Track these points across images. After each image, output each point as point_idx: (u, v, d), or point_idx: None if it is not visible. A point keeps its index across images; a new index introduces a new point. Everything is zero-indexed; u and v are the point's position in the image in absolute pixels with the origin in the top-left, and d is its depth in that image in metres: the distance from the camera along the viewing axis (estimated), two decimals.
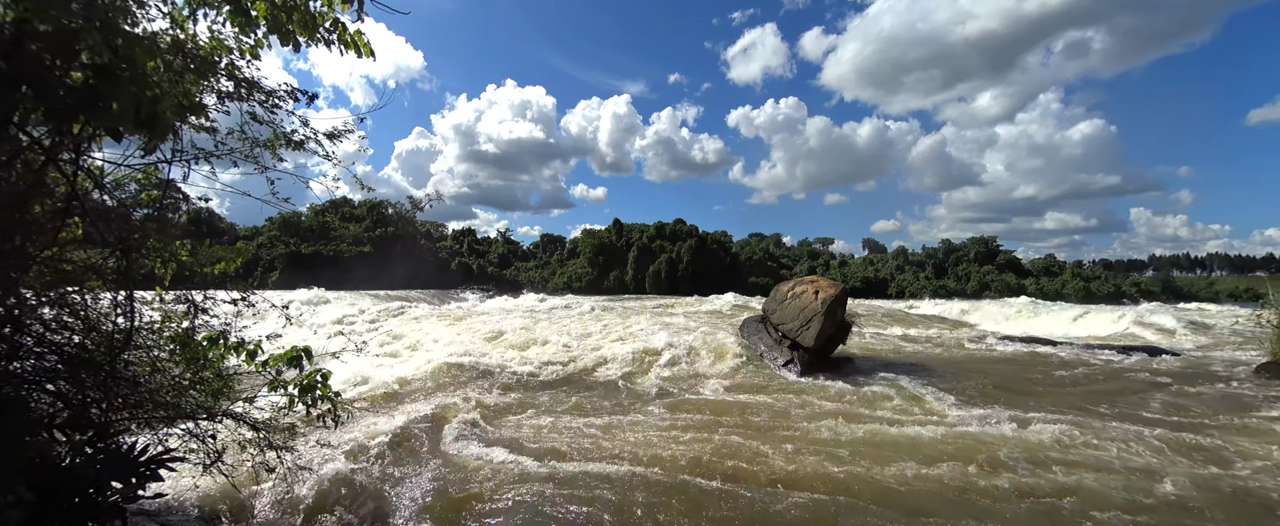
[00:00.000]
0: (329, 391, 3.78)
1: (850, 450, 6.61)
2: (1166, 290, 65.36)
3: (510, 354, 12.83)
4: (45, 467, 2.20)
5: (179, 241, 3.23)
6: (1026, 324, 27.67)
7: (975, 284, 69.08)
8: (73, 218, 2.99)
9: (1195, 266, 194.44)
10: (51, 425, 2.34)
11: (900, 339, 18.98)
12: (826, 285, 12.03)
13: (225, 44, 3.09)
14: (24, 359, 2.82)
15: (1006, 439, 7.12)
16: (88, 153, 2.73)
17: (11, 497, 1.91)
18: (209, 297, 3.33)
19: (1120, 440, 7.08)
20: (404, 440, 6.64)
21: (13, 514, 1.92)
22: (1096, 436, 7.19)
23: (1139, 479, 5.85)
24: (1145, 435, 7.32)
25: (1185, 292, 64.65)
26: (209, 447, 3.37)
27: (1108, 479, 5.83)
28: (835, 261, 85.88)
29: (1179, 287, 68.21)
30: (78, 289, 2.99)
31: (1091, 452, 6.66)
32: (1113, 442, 6.96)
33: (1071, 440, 7.07)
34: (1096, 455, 6.57)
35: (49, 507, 2.13)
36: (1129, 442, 7.00)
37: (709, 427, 7.52)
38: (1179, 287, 68.21)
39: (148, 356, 3.11)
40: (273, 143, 3.21)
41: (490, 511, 4.90)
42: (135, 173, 3.46)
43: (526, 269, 79.99)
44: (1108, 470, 6.10)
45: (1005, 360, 14.43)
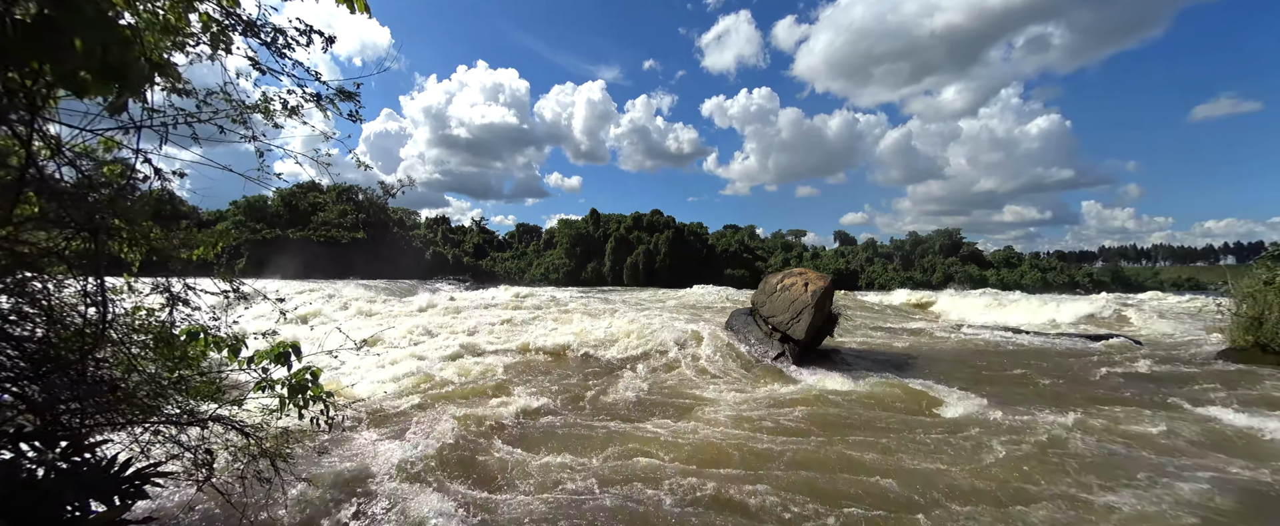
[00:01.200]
0: (320, 391, 3.43)
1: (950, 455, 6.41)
2: (1116, 280, 68.73)
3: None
4: (16, 488, 1.84)
5: (148, 222, 2.82)
6: (996, 313, 28.42)
7: (940, 275, 71.16)
8: (28, 192, 2.58)
9: (1141, 257, 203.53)
10: (19, 437, 1.96)
11: (879, 330, 19.17)
12: (815, 277, 11.96)
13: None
14: None
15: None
16: (44, 112, 2.30)
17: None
18: (190, 287, 2.92)
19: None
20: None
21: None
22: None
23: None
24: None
25: (1133, 283, 68.13)
26: (198, 458, 2.98)
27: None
28: (808, 253, 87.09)
29: (1127, 278, 71.80)
30: (37, 275, 2.58)
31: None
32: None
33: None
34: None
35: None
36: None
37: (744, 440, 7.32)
38: (1127, 278, 71.80)
39: (124, 354, 2.71)
40: (265, 105, 2.77)
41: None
42: (94, 141, 3.03)
43: (503, 259, 78.89)
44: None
45: (986, 350, 14.66)
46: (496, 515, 4.57)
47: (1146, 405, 8.74)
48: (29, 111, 2.25)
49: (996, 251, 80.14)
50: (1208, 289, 65.64)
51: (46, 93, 2.40)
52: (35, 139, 2.30)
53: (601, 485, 5.23)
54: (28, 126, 2.22)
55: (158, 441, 2.99)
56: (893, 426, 7.33)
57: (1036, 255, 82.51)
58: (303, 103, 2.71)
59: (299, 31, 2.56)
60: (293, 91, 2.71)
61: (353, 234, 3.86)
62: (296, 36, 2.56)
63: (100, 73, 1.75)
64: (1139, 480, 5.61)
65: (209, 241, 2.87)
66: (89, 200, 2.40)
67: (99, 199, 2.40)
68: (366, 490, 4.86)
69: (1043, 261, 76.24)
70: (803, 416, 7.63)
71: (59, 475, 2.03)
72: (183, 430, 2.98)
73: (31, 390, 2.78)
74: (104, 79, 1.79)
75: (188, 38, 2.85)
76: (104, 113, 2.90)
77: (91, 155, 3.05)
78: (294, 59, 2.58)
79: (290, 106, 2.73)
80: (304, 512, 4.29)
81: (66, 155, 2.67)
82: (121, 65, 1.77)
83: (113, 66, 1.75)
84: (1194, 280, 77.64)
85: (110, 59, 1.73)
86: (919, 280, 70.44)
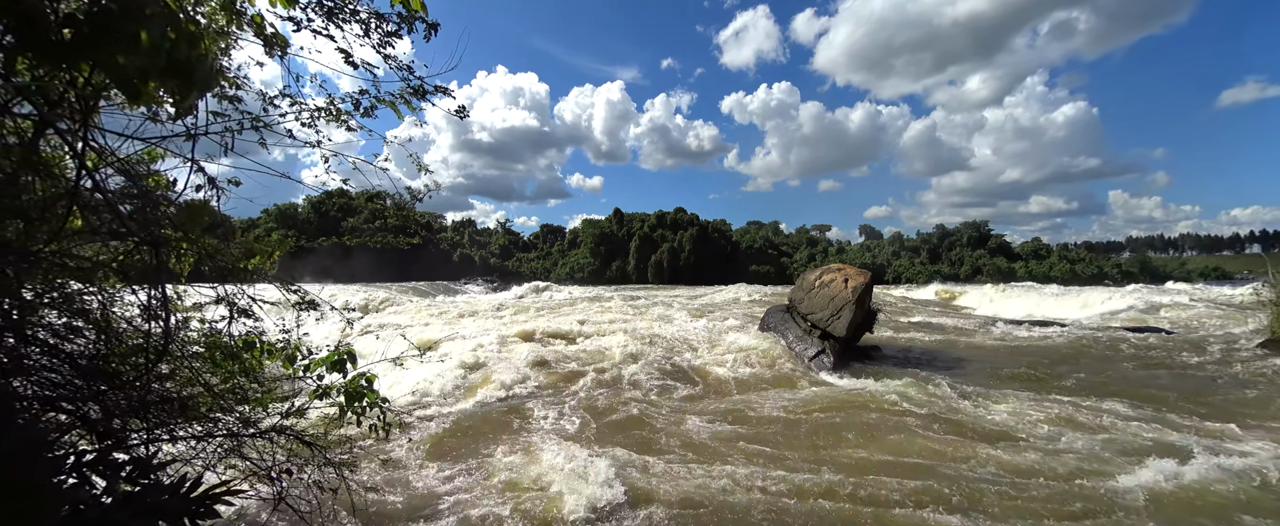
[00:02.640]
0: (377, 397, 3.30)
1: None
2: (1144, 271, 66.55)
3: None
4: (81, 520, 1.71)
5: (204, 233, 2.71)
6: (1031, 306, 27.63)
7: (968, 268, 69.51)
8: (77, 204, 2.48)
9: (1168, 247, 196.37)
10: (82, 464, 1.84)
11: (913, 326, 18.63)
12: (855, 273, 11.62)
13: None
14: (32, 375, 2.32)
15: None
16: (96, 117, 2.18)
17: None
18: (254, 299, 2.80)
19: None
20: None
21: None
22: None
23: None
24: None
25: (1161, 273, 65.84)
26: (265, 471, 2.87)
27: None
28: (833, 248, 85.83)
29: (1155, 268, 69.37)
30: (88, 288, 2.48)
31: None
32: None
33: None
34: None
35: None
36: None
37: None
38: (1155, 268, 69.37)
39: (187, 367, 2.60)
40: (335, 109, 2.58)
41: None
42: (139, 150, 2.93)
43: (528, 260, 79.40)
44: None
45: (1030, 347, 14.09)
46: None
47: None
48: (81, 119, 2.14)
49: (1024, 243, 77.99)
50: (1234, 278, 63.09)
51: (95, 98, 2.29)
52: (86, 149, 2.19)
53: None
54: (79, 136, 2.10)
55: (219, 455, 2.89)
56: (951, 431, 7.01)
57: (1065, 246, 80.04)
58: (375, 103, 2.54)
59: (402, 18, 2.32)
60: (365, 92, 2.53)
61: (409, 241, 3.74)
62: (397, 24, 2.33)
63: (165, 72, 1.60)
64: None
65: (265, 250, 2.75)
66: (148, 212, 2.27)
67: (160, 210, 2.27)
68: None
69: (1072, 252, 73.97)
70: (849, 419, 7.35)
71: (125, 499, 1.90)
72: (244, 442, 2.88)
73: (88, 408, 2.69)
74: (168, 79, 1.65)
75: (236, 40, 2.73)
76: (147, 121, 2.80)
77: (136, 165, 2.96)
78: (386, 54, 2.37)
79: (364, 107, 2.56)
80: (372, 521, 4.21)
81: (117, 165, 2.57)
82: (187, 63, 1.62)
83: (178, 64, 1.60)
84: (1220, 269, 74.80)
85: (176, 55, 1.58)
86: (947, 273, 68.87)
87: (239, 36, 2.56)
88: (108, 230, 2.57)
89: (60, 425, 2.39)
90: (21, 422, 2.15)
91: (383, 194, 3.61)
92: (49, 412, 2.41)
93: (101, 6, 1.53)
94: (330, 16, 2.29)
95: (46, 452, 1.90)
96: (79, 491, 1.92)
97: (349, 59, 2.36)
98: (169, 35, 1.58)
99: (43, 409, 2.35)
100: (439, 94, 2.56)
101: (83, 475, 1.96)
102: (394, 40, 2.38)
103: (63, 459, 1.98)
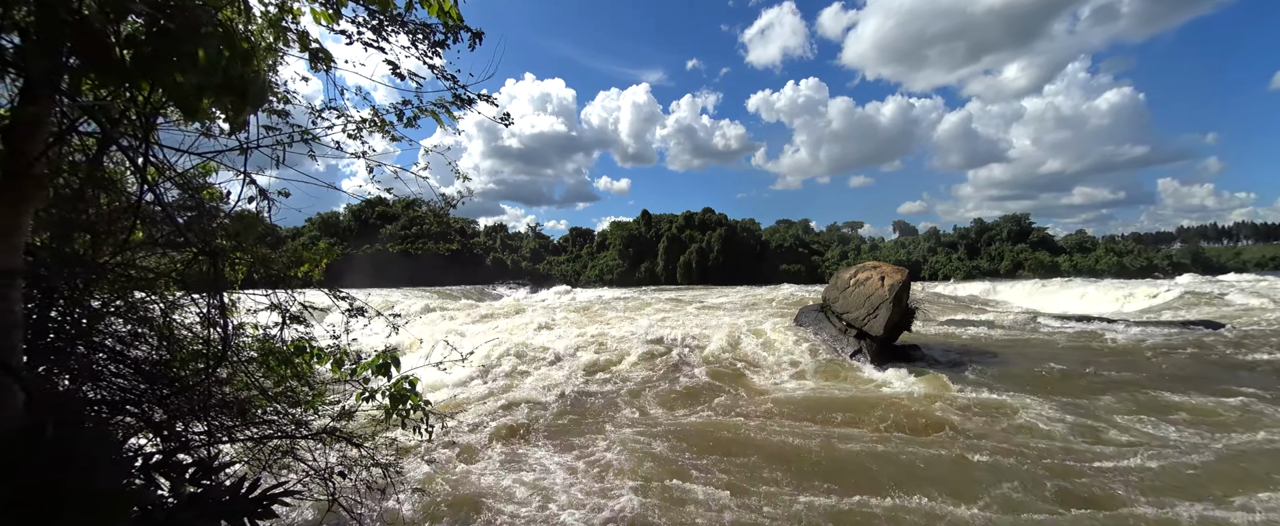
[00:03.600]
0: (419, 399, 3.37)
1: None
2: (1196, 262, 62.79)
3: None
4: (149, 521, 1.79)
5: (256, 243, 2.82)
6: (1075, 302, 26.57)
7: (1008, 263, 66.89)
8: (134, 217, 2.60)
9: (1222, 236, 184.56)
10: (149, 466, 1.92)
11: (951, 324, 18.09)
12: (891, 270, 11.34)
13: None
14: (101, 380, 2.44)
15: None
16: (154, 133, 2.28)
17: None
18: (305, 305, 2.91)
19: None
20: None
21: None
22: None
23: None
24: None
25: (1214, 264, 61.96)
26: (317, 472, 2.97)
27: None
28: (866, 245, 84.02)
29: (1208, 259, 65.21)
30: (152, 297, 2.60)
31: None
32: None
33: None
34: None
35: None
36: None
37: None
38: (1208, 259, 65.21)
39: (245, 372, 2.71)
40: (379, 120, 2.65)
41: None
42: (195, 164, 3.06)
43: (558, 263, 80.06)
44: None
45: (1077, 344, 13.50)
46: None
47: None
48: (142, 136, 2.24)
49: (1068, 236, 74.72)
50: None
51: (154, 116, 2.39)
52: (148, 164, 2.30)
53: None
54: (142, 152, 2.21)
55: (274, 457, 3.00)
56: (998, 435, 6.77)
57: (1111, 238, 75.97)
58: (418, 114, 2.60)
59: (450, 28, 2.35)
60: (407, 103, 2.59)
61: (449, 247, 3.83)
62: (444, 35, 2.36)
63: (221, 89, 1.67)
64: None
65: (314, 258, 2.83)
66: (205, 223, 2.37)
67: (217, 222, 2.36)
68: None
69: (1118, 244, 70.15)
70: (894, 421, 7.17)
71: (189, 500, 1.98)
72: (298, 444, 2.98)
73: (153, 411, 2.82)
74: (224, 95, 1.72)
75: (282, 57, 2.82)
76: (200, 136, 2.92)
77: (193, 179, 3.09)
78: (431, 64, 2.42)
79: (407, 118, 2.62)
80: (417, 521, 4.30)
81: (176, 180, 2.69)
82: (241, 79, 1.68)
83: (233, 81, 1.66)
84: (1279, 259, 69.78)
85: (231, 72, 1.64)
86: (986, 269, 66.55)
87: (285, 53, 2.64)
88: (168, 241, 2.69)
89: (128, 427, 2.51)
90: (92, 426, 2.27)
91: (420, 201, 3.68)
92: (117, 416, 2.54)
93: (161, 26, 1.60)
94: (377, 30, 2.34)
95: (117, 454, 2.00)
96: (146, 492, 2.02)
97: (396, 70, 2.42)
98: (224, 53, 1.65)
99: (111, 413, 2.48)
100: (483, 101, 2.60)
101: (149, 476, 2.06)
102: (440, 50, 2.42)
103: (131, 460, 2.07)
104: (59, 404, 2.07)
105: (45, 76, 1.80)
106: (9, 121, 2.01)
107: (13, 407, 1.93)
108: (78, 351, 2.38)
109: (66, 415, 2.03)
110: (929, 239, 79.97)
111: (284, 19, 2.66)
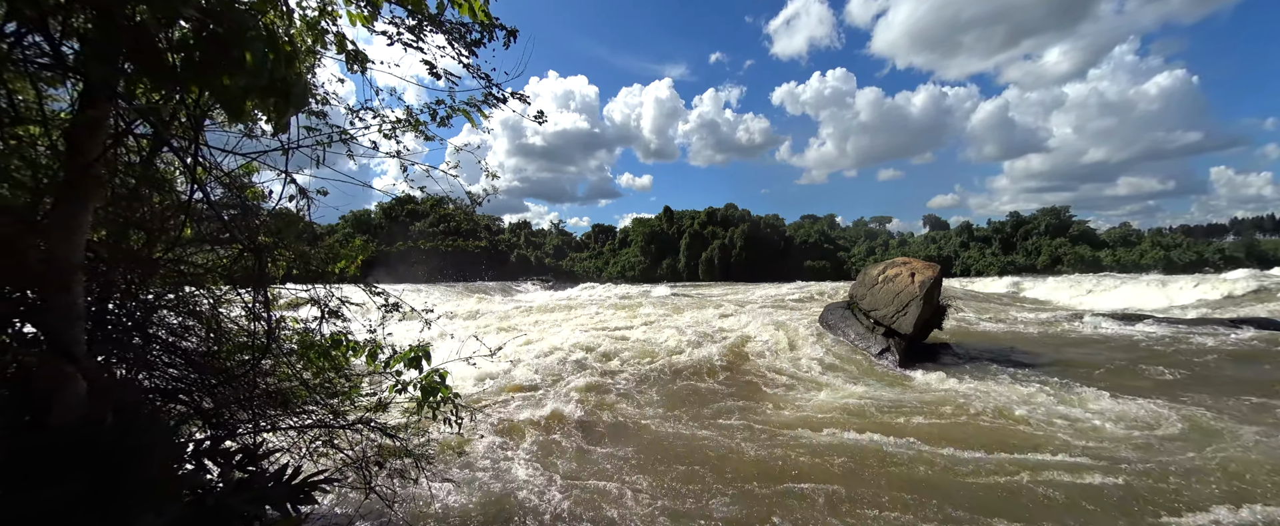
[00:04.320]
0: (449, 392, 3.45)
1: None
2: (1251, 256, 59.23)
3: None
4: (200, 504, 1.89)
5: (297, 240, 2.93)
6: (1118, 298, 25.62)
7: (1046, 258, 64.61)
8: (185, 215, 2.72)
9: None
10: (200, 452, 2.03)
11: (985, 321, 17.65)
12: (922, 266, 11.13)
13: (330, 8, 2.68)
14: (155, 370, 2.57)
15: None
16: (201, 137, 2.39)
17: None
18: (343, 300, 3.02)
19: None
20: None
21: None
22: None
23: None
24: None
25: (1271, 258, 58.33)
26: (352, 460, 3.09)
27: None
28: (894, 241, 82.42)
29: (1265, 253, 61.37)
30: (199, 291, 2.73)
31: None
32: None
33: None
34: None
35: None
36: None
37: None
38: (1265, 253, 61.37)
39: (288, 363, 2.83)
40: (414, 119, 2.72)
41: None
42: (240, 164, 3.18)
43: (581, 259, 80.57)
44: None
45: (1121, 343, 13.05)
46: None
47: None
48: (194, 134, 2.35)
49: (1111, 229, 71.84)
50: None
51: (203, 118, 2.50)
52: (198, 164, 2.41)
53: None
54: (192, 153, 2.31)
55: (314, 446, 3.12)
56: (1031, 441, 6.61)
57: (1158, 231, 72.34)
58: (451, 112, 2.67)
59: (485, 28, 2.41)
60: (441, 102, 2.66)
61: (477, 244, 3.94)
62: (480, 33, 2.42)
63: (266, 91, 1.74)
64: None
65: (350, 255, 2.93)
66: (249, 222, 2.47)
67: (262, 218, 2.46)
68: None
69: (1166, 238, 66.77)
70: (924, 424, 7.05)
71: (238, 485, 2.08)
72: (335, 434, 3.09)
73: (201, 399, 2.96)
74: (268, 97, 1.79)
75: (320, 59, 2.91)
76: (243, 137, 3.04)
77: (237, 178, 3.22)
78: (466, 63, 2.48)
79: (441, 117, 2.69)
80: (449, 508, 4.42)
81: (222, 179, 2.81)
82: (285, 81, 1.75)
83: (277, 83, 1.73)
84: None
85: (276, 74, 1.71)
86: (1022, 264, 64.55)
87: (322, 55, 2.73)
88: (214, 238, 2.82)
89: (179, 415, 2.64)
90: (148, 413, 2.40)
91: (447, 199, 3.76)
92: (169, 404, 2.67)
93: (210, 31, 1.68)
94: (416, 31, 2.40)
95: (171, 441, 2.11)
96: (198, 477, 2.13)
97: (433, 70, 2.48)
98: (269, 56, 1.72)
99: (164, 401, 2.61)
100: (517, 100, 2.65)
101: (200, 462, 2.17)
102: (475, 49, 2.47)
103: (184, 446, 2.19)
104: (118, 392, 2.18)
105: (103, 81, 1.90)
106: (71, 124, 2.14)
107: (75, 395, 2.05)
108: (133, 342, 2.50)
109: (125, 403, 2.14)
110: (961, 233, 77.93)
111: (322, 22, 2.76)
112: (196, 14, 1.73)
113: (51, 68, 2.00)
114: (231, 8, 1.77)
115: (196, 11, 1.73)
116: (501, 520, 4.40)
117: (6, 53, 1.81)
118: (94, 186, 2.04)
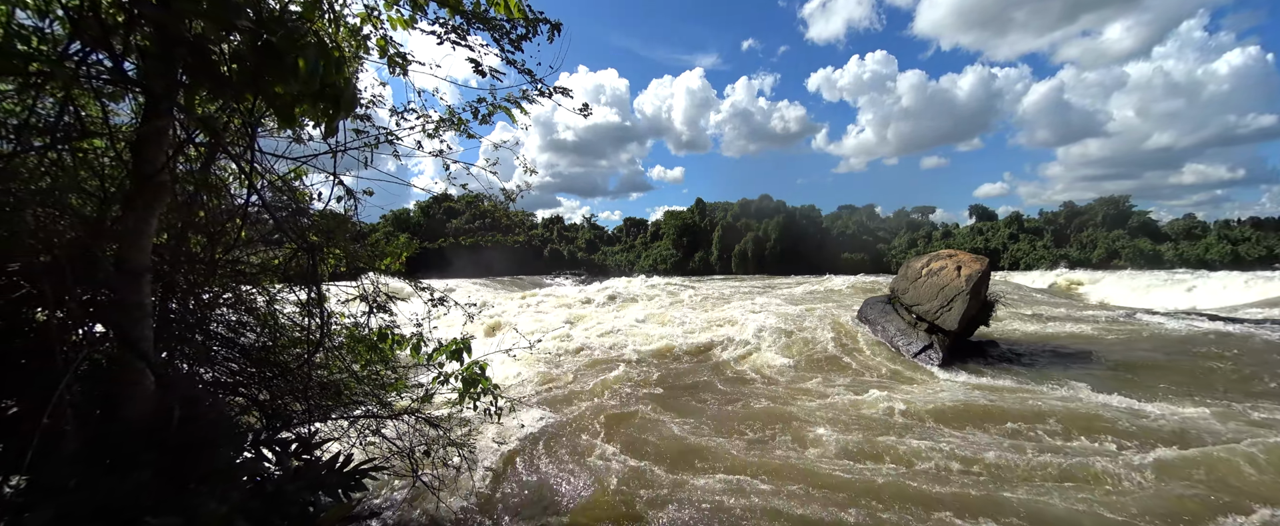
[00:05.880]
0: (489, 384, 3.54)
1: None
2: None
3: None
4: (260, 491, 1.99)
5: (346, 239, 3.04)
6: (1180, 296, 24.20)
7: (1102, 251, 61.10)
8: (241, 218, 2.85)
9: None
10: (258, 442, 2.13)
11: (1035, 318, 16.91)
12: (969, 260, 10.74)
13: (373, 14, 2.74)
14: (215, 364, 2.71)
15: None
16: (256, 143, 2.50)
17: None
18: (390, 296, 3.13)
19: None
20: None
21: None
22: None
23: None
24: None
25: None
26: (401, 449, 3.23)
27: None
28: (937, 232, 79.59)
29: None
30: (255, 289, 2.86)
31: None
32: None
33: None
34: None
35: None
36: None
37: None
38: None
39: (339, 357, 2.96)
40: (457, 119, 2.79)
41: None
42: (291, 168, 3.31)
43: (613, 253, 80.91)
44: None
45: (1182, 345, 12.30)
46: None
47: None
48: (247, 144, 2.46)
49: (1174, 220, 67.39)
50: None
51: (257, 125, 2.61)
52: (253, 169, 2.52)
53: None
54: (248, 158, 2.42)
55: (363, 436, 3.25)
56: (1091, 447, 6.33)
57: (1226, 223, 67.19)
58: (492, 110, 2.71)
59: (533, 20, 2.42)
60: (482, 100, 2.72)
61: (516, 240, 4.01)
62: (525, 29, 2.43)
63: (317, 96, 1.80)
64: None
65: (395, 252, 3.02)
66: (300, 223, 2.57)
67: (313, 219, 2.56)
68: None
69: (1234, 230, 62.01)
70: (966, 429, 6.83)
71: (294, 473, 2.18)
72: (382, 423, 3.21)
73: (258, 391, 3.11)
74: (315, 103, 1.85)
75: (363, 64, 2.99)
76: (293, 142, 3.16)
77: (288, 182, 3.35)
78: (509, 58, 2.53)
79: (483, 115, 2.74)
80: (490, 496, 4.54)
81: (274, 183, 2.93)
82: (335, 87, 1.80)
83: (327, 89, 1.79)
84: None
85: (327, 80, 1.76)
86: (1076, 258, 61.35)
87: (365, 60, 2.81)
88: (267, 238, 2.94)
89: (239, 407, 2.78)
90: (210, 406, 2.54)
91: (483, 196, 3.82)
92: (229, 396, 2.82)
93: (264, 41, 1.74)
94: (462, 31, 2.45)
95: (232, 431, 2.23)
96: (257, 464, 2.25)
97: (478, 67, 2.52)
98: (320, 62, 1.77)
99: (224, 393, 2.75)
100: (561, 94, 2.68)
101: (258, 450, 2.29)
102: (520, 45, 2.51)
103: (243, 436, 2.31)
104: (182, 386, 2.31)
105: (166, 93, 2.00)
106: (136, 136, 2.26)
107: (145, 390, 2.18)
108: (195, 339, 2.64)
109: (188, 396, 2.27)
110: (1010, 224, 74.60)
111: (365, 26, 2.83)
112: (250, 24, 1.80)
113: (114, 82, 2.11)
114: (284, 17, 1.84)
115: (250, 22, 1.80)
116: (543, 509, 4.49)
117: (74, 71, 1.91)
118: (160, 194, 2.16)
